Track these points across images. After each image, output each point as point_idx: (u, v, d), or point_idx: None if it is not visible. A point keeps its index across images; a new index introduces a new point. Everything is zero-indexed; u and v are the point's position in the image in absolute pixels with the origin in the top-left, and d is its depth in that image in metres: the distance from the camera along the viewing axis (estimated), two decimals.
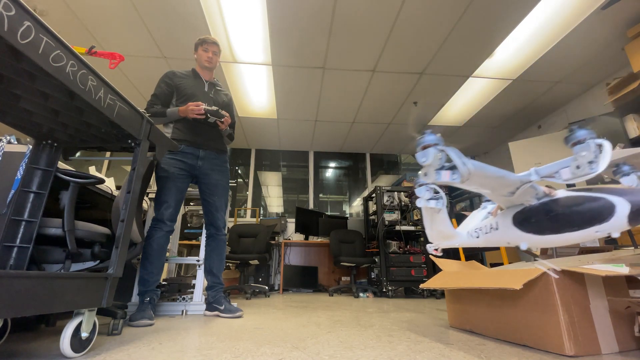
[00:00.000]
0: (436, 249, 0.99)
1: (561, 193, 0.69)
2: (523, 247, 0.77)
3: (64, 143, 1.21)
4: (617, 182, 0.76)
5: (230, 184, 2.17)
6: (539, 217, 0.69)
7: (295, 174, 5.73)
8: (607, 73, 3.38)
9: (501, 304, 1.15)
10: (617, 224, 0.57)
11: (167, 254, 2.06)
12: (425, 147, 0.61)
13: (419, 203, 0.73)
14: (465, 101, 3.95)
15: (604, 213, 0.57)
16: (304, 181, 5.53)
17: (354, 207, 5.68)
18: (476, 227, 0.82)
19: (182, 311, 1.91)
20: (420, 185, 0.66)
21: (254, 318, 1.72)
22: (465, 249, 2.39)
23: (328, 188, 5.78)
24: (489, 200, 0.88)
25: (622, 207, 0.54)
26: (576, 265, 0.97)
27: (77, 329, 0.93)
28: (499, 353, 0.96)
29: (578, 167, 0.57)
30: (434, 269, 3.22)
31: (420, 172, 0.64)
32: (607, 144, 0.54)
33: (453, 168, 0.60)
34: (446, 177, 0.61)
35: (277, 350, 1.01)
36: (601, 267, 0.87)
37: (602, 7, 2.51)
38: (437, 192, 0.72)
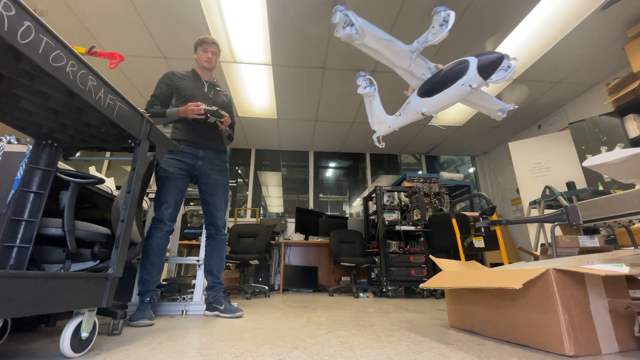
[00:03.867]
0: (378, 139, 1.27)
1: (444, 66, 1.04)
2: (424, 110, 1.09)
3: (64, 143, 1.21)
4: None
5: (230, 184, 2.17)
6: (430, 84, 1.04)
7: (295, 174, 5.73)
8: (607, 73, 3.38)
9: (501, 304, 1.15)
10: (471, 76, 0.90)
11: (167, 254, 2.06)
12: (336, 12, 1.03)
13: (359, 91, 1.12)
14: None
15: (463, 69, 0.91)
16: (304, 181, 5.53)
17: (354, 207, 5.68)
18: (398, 110, 1.16)
19: (182, 311, 1.91)
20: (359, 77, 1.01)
21: (254, 318, 1.72)
22: (465, 249, 2.41)
23: (328, 188, 5.78)
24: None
25: (473, 62, 0.90)
26: (576, 265, 0.97)
27: (77, 329, 0.93)
28: (499, 353, 0.97)
29: (433, 27, 1.00)
30: (434, 269, 3.22)
31: (335, 31, 0.98)
32: (452, 14, 0.95)
33: (352, 25, 0.99)
34: (347, 30, 1.03)
35: (277, 350, 1.01)
36: (601, 267, 0.87)
37: (602, 7, 2.51)
38: (372, 83, 1.12)
